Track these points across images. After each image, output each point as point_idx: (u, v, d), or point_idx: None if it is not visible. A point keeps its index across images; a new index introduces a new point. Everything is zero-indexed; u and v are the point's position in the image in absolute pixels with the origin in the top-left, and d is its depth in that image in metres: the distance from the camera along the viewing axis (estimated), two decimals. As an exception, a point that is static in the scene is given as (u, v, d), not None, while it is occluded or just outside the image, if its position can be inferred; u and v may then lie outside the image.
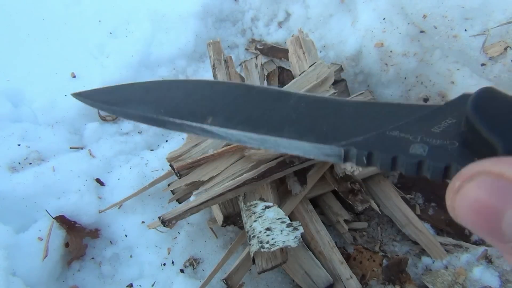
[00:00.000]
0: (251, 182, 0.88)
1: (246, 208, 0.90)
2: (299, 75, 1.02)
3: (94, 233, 1.05)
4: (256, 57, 1.14)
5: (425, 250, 1.04)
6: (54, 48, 1.40)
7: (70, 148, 1.19)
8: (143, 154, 1.20)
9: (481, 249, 0.99)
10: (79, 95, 0.43)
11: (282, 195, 1.00)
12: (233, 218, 0.99)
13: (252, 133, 0.29)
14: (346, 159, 0.26)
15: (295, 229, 0.83)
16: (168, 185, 1.09)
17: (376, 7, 1.27)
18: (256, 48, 1.47)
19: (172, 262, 1.03)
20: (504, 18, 1.01)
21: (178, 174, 0.92)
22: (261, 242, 0.82)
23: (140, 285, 1.00)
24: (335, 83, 1.08)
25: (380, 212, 1.06)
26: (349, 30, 1.35)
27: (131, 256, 1.04)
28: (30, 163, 1.12)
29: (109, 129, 1.25)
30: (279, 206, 0.90)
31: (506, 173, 0.14)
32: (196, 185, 0.93)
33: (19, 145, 1.13)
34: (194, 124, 0.34)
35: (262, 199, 0.91)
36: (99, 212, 1.06)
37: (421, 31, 1.19)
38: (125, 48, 1.38)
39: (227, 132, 0.31)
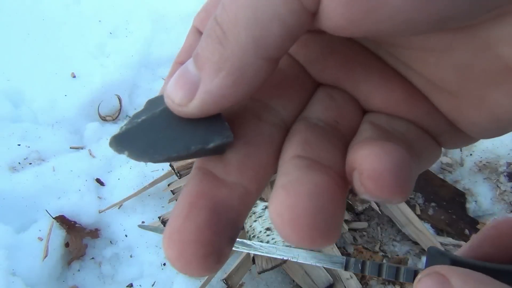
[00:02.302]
0: (251, 182, 0.88)
1: (246, 208, 0.90)
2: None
3: (94, 233, 1.05)
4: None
5: (425, 250, 1.04)
6: (54, 48, 1.40)
7: (70, 148, 1.19)
8: (143, 154, 1.20)
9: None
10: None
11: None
12: (233, 218, 0.99)
13: None
14: (346, 267, 0.32)
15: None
16: (168, 185, 1.09)
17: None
18: (256, 48, 1.47)
19: (172, 262, 1.03)
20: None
21: (178, 174, 0.92)
22: (261, 242, 0.82)
23: (140, 285, 1.00)
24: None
25: (380, 212, 1.06)
26: (349, 30, 1.35)
27: (131, 256, 1.04)
28: (30, 163, 1.12)
29: (109, 129, 1.25)
30: (279, 206, 0.90)
31: (446, 275, 0.22)
32: (196, 185, 0.93)
33: (19, 145, 1.13)
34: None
35: (262, 199, 0.91)
36: (99, 212, 1.06)
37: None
38: (125, 48, 1.38)
39: None
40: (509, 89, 0.18)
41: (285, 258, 0.31)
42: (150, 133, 0.21)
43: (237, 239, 0.28)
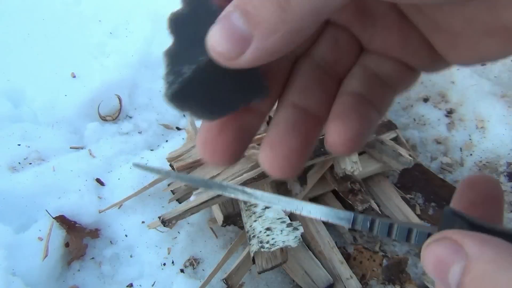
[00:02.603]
0: (251, 182, 0.88)
1: (246, 208, 0.90)
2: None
3: (94, 233, 1.05)
4: (256, 57, 1.14)
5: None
6: (54, 48, 1.40)
7: (70, 148, 1.19)
8: (143, 154, 1.20)
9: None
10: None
11: (282, 195, 1.00)
12: (233, 218, 0.99)
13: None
14: (354, 223, 0.30)
15: (295, 229, 0.84)
16: (168, 185, 1.09)
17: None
18: (256, 48, 1.47)
19: (172, 262, 1.03)
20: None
21: (178, 174, 0.92)
22: (261, 242, 0.82)
23: (140, 285, 1.00)
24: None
25: (380, 212, 1.06)
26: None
27: (131, 256, 1.04)
28: (30, 163, 1.12)
29: (109, 129, 1.25)
30: (279, 206, 0.90)
31: (459, 241, 0.21)
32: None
33: (19, 145, 1.13)
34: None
35: (262, 199, 0.91)
36: (99, 212, 1.06)
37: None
38: (125, 48, 1.38)
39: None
40: (499, 41, 0.23)
41: (287, 210, 0.30)
42: (201, 90, 0.23)
43: (235, 188, 0.28)
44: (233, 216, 0.99)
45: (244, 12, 0.20)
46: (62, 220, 1.02)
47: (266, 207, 0.88)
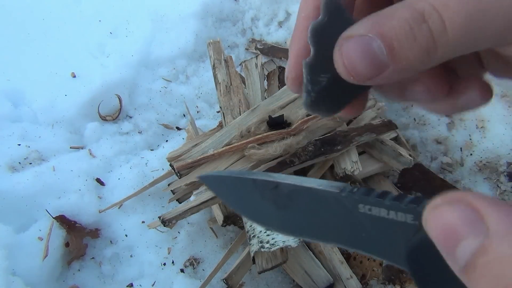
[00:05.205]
0: (251, 182, 0.88)
1: (246, 208, 0.89)
2: (299, 75, 1.02)
3: (94, 233, 1.05)
4: (256, 57, 1.13)
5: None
6: (54, 48, 1.40)
7: (70, 148, 1.19)
8: (143, 154, 1.20)
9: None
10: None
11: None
12: (233, 218, 0.99)
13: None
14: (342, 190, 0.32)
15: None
16: (168, 185, 1.09)
17: (376, 7, 1.27)
18: (256, 48, 1.47)
19: (172, 262, 1.03)
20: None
21: (178, 174, 0.92)
22: (261, 242, 0.82)
23: (140, 285, 1.00)
24: (335, 83, 1.08)
25: (380, 212, 1.06)
26: (349, 30, 1.35)
27: (131, 256, 1.04)
28: (30, 163, 1.12)
29: (109, 129, 1.25)
30: (279, 206, 0.90)
31: (481, 210, 0.17)
32: (196, 185, 0.93)
33: (19, 144, 1.13)
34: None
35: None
36: (99, 212, 1.06)
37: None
38: (125, 48, 1.38)
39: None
40: None
41: (287, 182, 0.32)
42: (331, 94, 0.29)
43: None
44: (233, 216, 0.99)
45: (389, 46, 0.22)
46: (62, 220, 1.01)
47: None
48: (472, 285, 0.17)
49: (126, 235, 1.05)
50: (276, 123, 0.93)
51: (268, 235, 0.83)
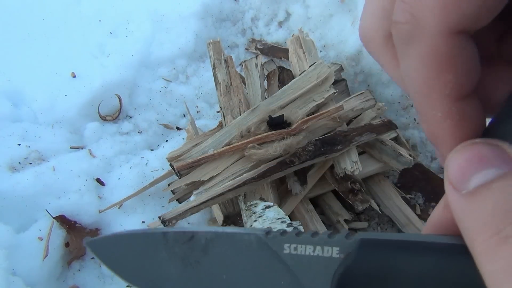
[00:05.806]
0: (251, 182, 0.88)
1: (246, 208, 0.90)
2: (299, 75, 1.02)
3: (95, 232, 1.05)
4: (256, 57, 1.14)
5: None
6: (54, 48, 1.40)
7: (70, 148, 1.19)
8: (143, 154, 1.20)
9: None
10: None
11: (282, 195, 1.00)
12: (233, 218, 0.99)
13: None
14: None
15: (295, 229, 0.83)
16: (168, 185, 1.09)
17: (376, 7, 1.27)
18: (256, 48, 1.47)
19: (172, 262, 1.03)
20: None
21: (178, 174, 0.92)
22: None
23: (140, 285, 0.99)
24: (335, 82, 1.08)
25: (380, 212, 1.06)
26: (349, 30, 1.35)
27: (131, 256, 1.04)
28: (30, 163, 1.12)
29: (109, 129, 1.25)
30: (279, 206, 0.90)
31: (507, 149, 0.18)
32: (196, 185, 0.93)
33: (19, 144, 1.13)
34: None
35: (262, 199, 0.91)
36: (99, 212, 1.06)
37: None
38: (125, 48, 1.38)
39: None
40: None
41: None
42: None
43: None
44: (233, 216, 0.99)
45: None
46: (62, 220, 1.01)
47: (267, 207, 0.88)
48: (472, 207, 0.18)
49: (126, 235, 1.05)
50: (276, 123, 0.93)
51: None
